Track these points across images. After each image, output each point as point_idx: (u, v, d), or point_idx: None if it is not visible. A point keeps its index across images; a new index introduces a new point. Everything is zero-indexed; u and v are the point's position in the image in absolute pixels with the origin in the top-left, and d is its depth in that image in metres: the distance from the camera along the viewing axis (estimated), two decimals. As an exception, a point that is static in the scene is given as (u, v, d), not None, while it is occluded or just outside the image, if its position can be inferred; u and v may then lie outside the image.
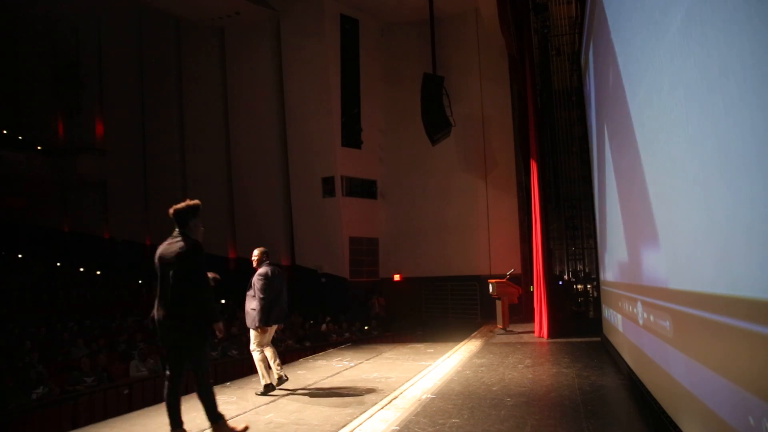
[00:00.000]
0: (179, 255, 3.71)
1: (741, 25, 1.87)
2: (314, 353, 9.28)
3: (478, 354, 7.71)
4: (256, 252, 5.62)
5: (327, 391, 5.68)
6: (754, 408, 1.95)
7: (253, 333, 5.54)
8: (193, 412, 4.88)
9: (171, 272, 3.70)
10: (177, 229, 3.85)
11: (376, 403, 4.94)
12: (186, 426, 4.13)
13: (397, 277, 17.40)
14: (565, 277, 13.15)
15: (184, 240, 3.78)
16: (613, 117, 5.52)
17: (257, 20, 17.87)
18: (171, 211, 3.87)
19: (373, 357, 8.00)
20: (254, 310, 5.42)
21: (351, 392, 5.52)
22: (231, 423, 4.01)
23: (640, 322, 4.46)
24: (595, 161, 8.43)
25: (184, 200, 4.01)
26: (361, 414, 4.61)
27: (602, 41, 5.85)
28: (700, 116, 2.46)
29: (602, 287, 8.61)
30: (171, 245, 3.80)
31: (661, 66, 3.12)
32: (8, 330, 11.45)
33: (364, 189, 17.56)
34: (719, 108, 2.19)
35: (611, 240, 6.60)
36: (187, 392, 4.19)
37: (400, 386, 5.67)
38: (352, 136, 16.96)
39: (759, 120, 1.78)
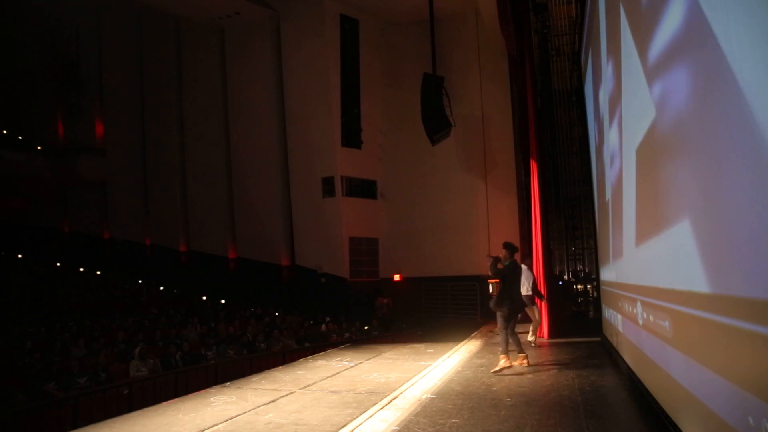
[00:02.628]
0: (519, 271, 6.77)
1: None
2: (314, 353, 9.27)
3: (478, 354, 7.72)
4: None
5: (327, 391, 5.67)
6: (754, 408, 1.95)
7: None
8: (193, 413, 4.89)
9: (517, 279, 6.67)
10: (510, 258, 6.63)
11: (376, 403, 4.94)
12: (186, 426, 4.13)
13: (397, 277, 17.39)
14: (565, 277, 13.16)
15: (522, 265, 7.20)
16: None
17: (257, 20, 17.86)
18: (509, 248, 6.69)
19: (373, 357, 8.00)
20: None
21: (351, 392, 5.52)
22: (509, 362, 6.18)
23: (640, 322, 4.46)
24: (594, 159, 8.42)
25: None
26: (361, 414, 4.61)
27: None
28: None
29: (602, 287, 8.61)
30: (516, 267, 6.69)
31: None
32: (8, 330, 11.43)
33: (364, 189, 17.55)
34: (718, 109, 2.19)
35: (611, 239, 6.59)
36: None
37: (400, 386, 5.67)
38: (352, 136, 16.96)
39: (760, 119, 1.78)
